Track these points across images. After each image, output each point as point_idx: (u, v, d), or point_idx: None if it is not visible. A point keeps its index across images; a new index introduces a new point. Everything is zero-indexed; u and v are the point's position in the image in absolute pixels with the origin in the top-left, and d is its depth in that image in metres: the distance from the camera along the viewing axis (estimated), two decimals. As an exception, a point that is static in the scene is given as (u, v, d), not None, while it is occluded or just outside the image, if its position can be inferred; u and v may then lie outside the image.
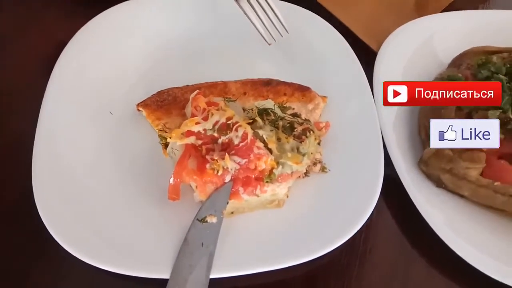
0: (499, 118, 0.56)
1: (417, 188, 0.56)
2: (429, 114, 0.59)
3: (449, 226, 0.54)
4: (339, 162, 0.57)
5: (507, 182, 0.53)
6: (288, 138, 0.54)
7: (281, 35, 0.63)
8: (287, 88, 0.62)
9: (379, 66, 0.64)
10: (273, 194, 0.55)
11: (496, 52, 0.65)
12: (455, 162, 0.54)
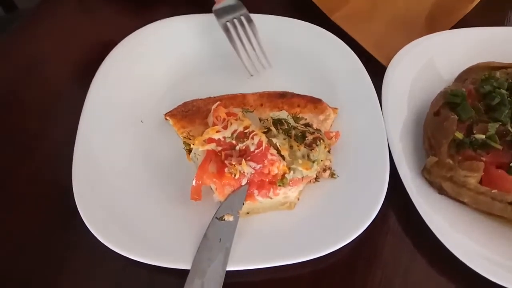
0: (498, 130, 0.60)
1: (420, 194, 0.59)
2: (432, 126, 0.63)
3: (450, 230, 0.57)
4: (348, 169, 0.62)
5: (504, 190, 0.57)
6: (299, 146, 0.59)
7: (263, 67, 0.69)
8: (300, 100, 0.67)
9: (388, 81, 0.69)
10: (285, 197, 0.60)
11: (501, 68, 0.69)
12: (455, 171, 0.58)
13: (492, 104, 0.62)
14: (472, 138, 0.60)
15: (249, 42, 0.70)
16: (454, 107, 0.63)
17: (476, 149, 0.59)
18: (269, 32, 0.73)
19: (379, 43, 0.75)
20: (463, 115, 0.62)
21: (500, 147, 0.58)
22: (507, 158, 0.58)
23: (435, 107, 0.64)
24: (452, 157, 0.60)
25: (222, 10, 0.73)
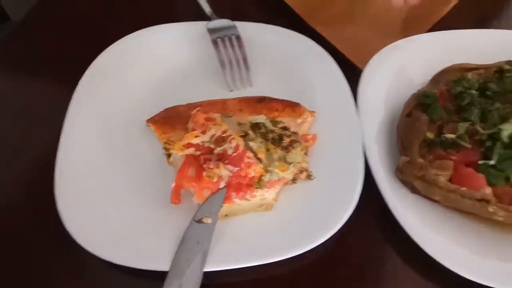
0: (468, 130, 0.61)
1: (394, 194, 0.61)
2: (404, 127, 0.65)
3: (422, 228, 0.59)
4: (324, 171, 0.64)
5: (473, 187, 0.58)
6: (276, 149, 0.62)
7: (244, 86, 0.72)
8: (278, 105, 0.69)
9: (364, 84, 0.70)
10: (262, 199, 0.62)
11: (474, 69, 0.71)
12: (426, 170, 0.59)
13: (462, 105, 0.64)
14: (442, 138, 0.61)
15: (235, 62, 0.73)
16: (425, 108, 0.65)
17: (446, 149, 0.61)
18: (249, 38, 0.75)
19: (357, 48, 0.76)
20: (434, 116, 0.64)
21: (470, 146, 0.60)
22: (476, 157, 0.60)
23: (408, 109, 0.66)
24: (424, 157, 0.61)
25: (217, 29, 0.76)
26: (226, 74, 0.73)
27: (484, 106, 0.64)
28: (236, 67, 0.73)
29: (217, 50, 0.74)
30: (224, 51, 0.74)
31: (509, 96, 0.64)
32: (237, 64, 0.73)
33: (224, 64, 0.73)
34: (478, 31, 0.78)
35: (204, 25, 0.76)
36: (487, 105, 0.64)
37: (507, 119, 0.61)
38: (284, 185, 0.63)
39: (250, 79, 0.73)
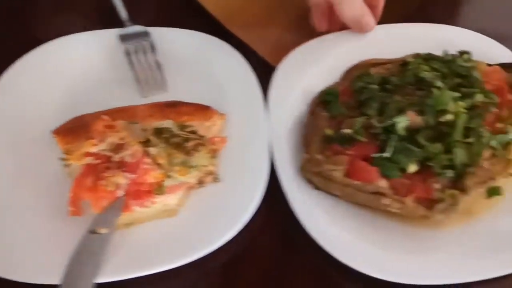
0: (365, 124, 0.62)
1: (297, 193, 0.61)
2: (307, 125, 0.65)
3: (325, 226, 0.59)
4: (232, 172, 0.64)
5: (367, 180, 0.59)
6: (177, 154, 0.61)
7: (158, 92, 0.72)
8: (189, 109, 0.68)
9: (276, 83, 0.70)
10: (164, 205, 0.61)
11: (382, 64, 0.72)
12: (322, 166, 0.60)
13: (362, 100, 0.65)
14: (341, 133, 0.62)
15: (148, 68, 0.73)
16: (327, 105, 0.65)
17: (343, 144, 0.61)
18: (163, 43, 0.75)
19: (274, 49, 0.76)
20: (333, 112, 0.65)
21: (365, 139, 0.61)
22: (371, 150, 0.61)
23: (312, 107, 0.67)
24: (322, 152, 0.62)
25: (128, 36, 0.75)
26: (138, 80, 0.72)
27: (384, 99, 0.64)
28: (149, 73, 0.73)
29: (128, 57, 0.74)
30: (136, 58, 0.74)
31: (409, 89, 0.65)
32: (150, 70, 0.73)
33: (136, 70, 0.73)
34: (392, 26, 0.78)
35: (117, 32, 0.76)
36: (386, 99, 0.64)
37: (403, 112, 0.62)
38: (191, 190, 0.63)
39: (164, 84, 0.73)
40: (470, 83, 0.66)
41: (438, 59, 0.69)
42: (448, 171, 0.59)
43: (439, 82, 0.64)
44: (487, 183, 0.61)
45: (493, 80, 0.67)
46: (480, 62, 0.69)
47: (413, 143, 0.60)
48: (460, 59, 0.69)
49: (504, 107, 0.66)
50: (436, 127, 0.61)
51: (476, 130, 0.61)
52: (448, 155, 0.60)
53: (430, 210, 0.58)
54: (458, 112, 0.61)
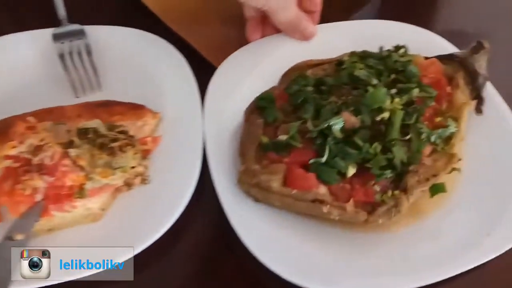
0: (300, 129, 0.59)
1: (235, 205, 0.57)
2: (242, 133, 0.62)
3: (260, 238, 0.56)
4: (163, 174, 0.62)
5: (305, 188, 0.55)
6: (101, 154, 0.59)
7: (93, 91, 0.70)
8: (121, 108, 0.65)
9: (212, 90, 0.66)
10: (87, 209, 0.58)
11: (319, 65, 0.69)
12: (259, 176, 0.57)
13: (297, 103, 0.62)
14: (276, 140, 0.59)
15: (82, 67, 0.71)
16: (262, 111, 0.62)
17: (279, 151, 0.58)
18: (100, 42, 0.73)
19: (215, 47, 0.73)
20: (268, 118, 0.61)
21: (300, 145, 0.58)
22: (308, 156, 0.57)
23: (247, 114, 0.64)
24: (259, 162, 0.58)
25: (62, 35, 0.73)
26: (72, 80, 0.70)
27: (319, 102, 0.61)
28: (83, 72, 0.71)
29: (61, 57, 0.71)
30: (70, 57, 0.71)
31: (345, 89, 0.62)
32: (84, 69, 0.71)
33: (69, 70, 0.70)
34: (333, 25, 0.75)
35: (50, 32, 0.73)
36: (321, 101, 0.61)
37: (339, 113, 0.59)
38: (118, 192, 0.61)
39: (99, 83, 0.71)
40: (407, 78, 0.63)
41: (373, 56, 0.66)
42: (387, 172, 0.56)
43: (374, 80, 0.62)
44: (430, 181, 0.58)
45: (430, 73, 0.65)
46: (417, 56, 0.67)
47: (351, 145, 0.57)
48: (396, 54, 0.66)
49: (443, 100, 0.63)
50: (373, 127, 0.59)
51: (414, 127, 0.59)
52: (387, 155, 0.57)
53: (371, 214, 0.55)
54: (394, 109, 0.59)
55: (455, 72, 0.66)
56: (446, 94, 0.64)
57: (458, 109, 0.63)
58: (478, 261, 0.56)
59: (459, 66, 0.66)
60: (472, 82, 0.65)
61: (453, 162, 0.60)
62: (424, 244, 0.57)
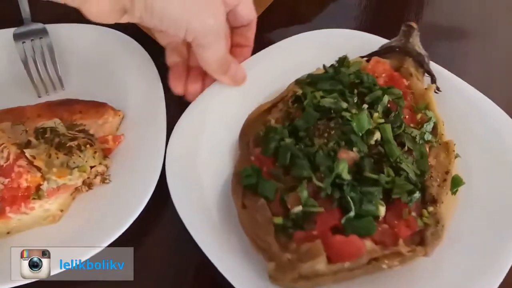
0: (310, 191, 0.50)
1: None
2: (250, 225, 0.51)
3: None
4: (124, 174, 0.60)
5: (356, 255, 0.47)
6: (58, 154, 0.57)
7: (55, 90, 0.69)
8: (82, 106, 0.65)
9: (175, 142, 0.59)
10: (45, 210, 0.57)
11: (273, 107, 0.61)
12: (299, 266, 0.47)
13: (287, 164, 0.53)
14: (291, 215, 0.50)
15: (44, 68, 0.70)
16: (255, 190, 0.52)
17: (303, 225, 0.50)
18: (63, 40, 0.72)
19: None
20: (268, 195, 0.51)
21: (322, 208, 0.50)
22: (334, 216, 0.49)
23: (238, 200, 0.53)
24: (287, 248, 0.49)
25: (24, 34, 0.72)
26: (33, 80, 0.70)
27: (308, 151, 0.53)
28: (45, 71, 0.70)
29: (22, 56, 0.70)
30: (31, 57, 0.71)
31: (321, 125, 0.55)
32: (45, 69, 0.70)
33: (30, 70, 0.70)
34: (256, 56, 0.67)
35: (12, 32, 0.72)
36: (309, 149, 0.53)
37: (336, 155, 0.52)
38: (78, 193, 0.60)
39: (62, 82, 0.70)
40: (368, 88, 0.59)
41: (323, 78, 0.61)
42: (416, 194, 0.51)
43: (343, 103, 0.56)
44: (447, 179, 0.54)
45: (380, 73, 0.62)
46: (357, 61, 0.63)
47: (367, 183, 0.51)
48: (342, 68, 0.61)
49: (407, 95, 0.61)
50: (371, 152, 0.53)
51: (406, 134, 0.55)
52: (402, 176, 0.52)
53: (425, 244, 0.50)
54: (382, 126, 0.55)
55: (400, 62, 0.63)
56: (406, 87, 0.61)
57: (422, 96, 0.61)
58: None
59: (402, 55, 0.64)
60: (421, 65, 0.64)
61: (453, 149, 0.57)
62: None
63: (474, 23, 0.82)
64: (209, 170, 0.59)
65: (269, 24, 0.76)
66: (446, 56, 0.73)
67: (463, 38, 0.81)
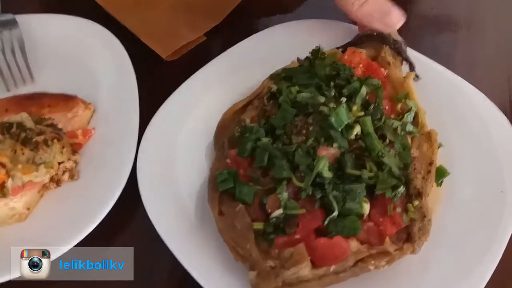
0: (290, 192, 0.48)
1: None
2: (228, 232, 0.49)
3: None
4: (94, 169, 0.58)
5: (341, 258, 0.46)
6: (24, 150, 0.55)
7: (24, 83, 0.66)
8: (51, 100, 0.63)
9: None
10: (10, 208, 0.55)
11: (248, 105, 0.59)
12: (281, 273, 0.45)
13: (265, 165, 0.50)
14: (272, 219, 0.48)
15: (14, 60, 0.67)
16: (233, 194, 0.50)
17: (284, 229, 0.47)
18: (34, 31, 0.69)
19: (159, 37, 0.70)
20: (246, 199, 0.49)
21: (304, 210, 0.47)
22: (317, 218, 0.47)
23: (215, 207, 0.51)
24: (268, 254, 0.47)
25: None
26: (1, 72, 0.67)
27: (286, 150, 0.50)
28: (14, 64, 0.67)
29: None
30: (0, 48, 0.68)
31: (299, 121, 0.52)
32: (14, 61, 0.67)
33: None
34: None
35: None
36: (287, 148, 0.50)
37: (315, 152, 0.49)
38: (46, 190, 0.58)
39: (32, 75, 0.67)
40: (345, 80, 0.56)
41: (298, 71, 0.58)
42: (400, 189, 0.48)
43: (321, 98, 0.54)
44: (431, 171, 0.52)
45: (357, 63, 0.59)
46: (332, 52, 0.61)
47: (349, 180, 0.49)
48: (317, 60, 0.59)
49: (386, 84, 0.58)
50: (352, 147, 0.51)
51: (386, 126, 0.53)
52: (384, 170, 0.50)
53: (412, 241, 0.48)
54: (362, 120, 0.52)
55: (377, 51, 0.61)
56: (385, 77, 0.59)
57: (402, 85, 0.59)
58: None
59: (378, 43, 0.61)
60: (399, 53, 0.61)
61: (435, 140, 0.55)
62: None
63: (461, 13, 0.79)
64: (185, 171, 0.57)
65: (249, 14, 0.74)
66: (432, 46, 0.71)
67: (450, 29, 0.78)
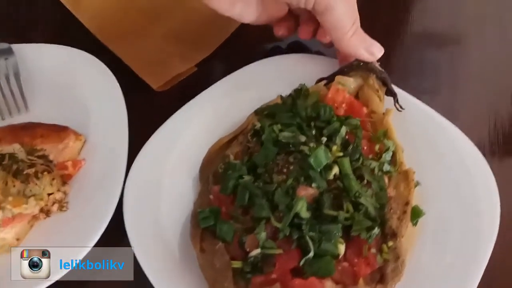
0: (269, 232, 0.49)
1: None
2: (209, 271, 0.50)
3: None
4: (83, 201, 0.59)
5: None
6: (15, 182, 0.56)
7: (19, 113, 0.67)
8: (44, 130, 0.64)
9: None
10: (1, 239, 0.56)
11: (233, 140, 0.60)
12: None
13: (245, 204, 0.52)
14: (250, 258, 0.49)
15: (8, 89, 0.68)
16: (214, 231, 0.52)
17: (262, 268, 0.49)
18: (30, 60, 0.70)
19: (151, 68, 0.71)
20: (226, 238, 0.51)
21: (281, 250, 0.49)
22: (293, 258, 0.48)
23: (197, 244, 0.52)
24: None
25: None
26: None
27: (266, 189, 0.52)
28: (9, 93, 0.69)
29: None
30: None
31: (280, 160, 0.54)
32: (9, 90, 0.69)
33: None
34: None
35: None
36: (268, 188, 0.52)
37: (294, 192, 0.51)
38: (36, 220, 0.59)
39: (26, 104, 0.69)
40: (325, 121, 0.57)
41: (281, 110, 0.59)
42: (375, 230, 0.50)
43: (302, 137, 0.55)
44: (407, 211, 0.54)
45: (340, 103, 0.60)
46: (316, 90, 0.61)
47: (325, 220, 0.50)
48: (299, 100, 0.60)
49: (366, 123, 0.59)
50: (330, 187, 0.52)
51: (364, 167, 0.54)
52: (360, 211, 0.52)
53: (385, 282, 0.49)
54: (340, 160, 0.54)
55: (365, 79, 0.61)
56: (366, 115, 0.60)
57: (381, 122, 0.60)
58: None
59: (366, 72, 0.61)
60: (384, 83, 0.61)
61: (412, 179, 0.56)
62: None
63: (443, 33, 0.80)
64: (171, 205, 0.58)
65: (240, 45, 0.75)
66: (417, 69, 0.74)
67: (432, 50, 0.79)
